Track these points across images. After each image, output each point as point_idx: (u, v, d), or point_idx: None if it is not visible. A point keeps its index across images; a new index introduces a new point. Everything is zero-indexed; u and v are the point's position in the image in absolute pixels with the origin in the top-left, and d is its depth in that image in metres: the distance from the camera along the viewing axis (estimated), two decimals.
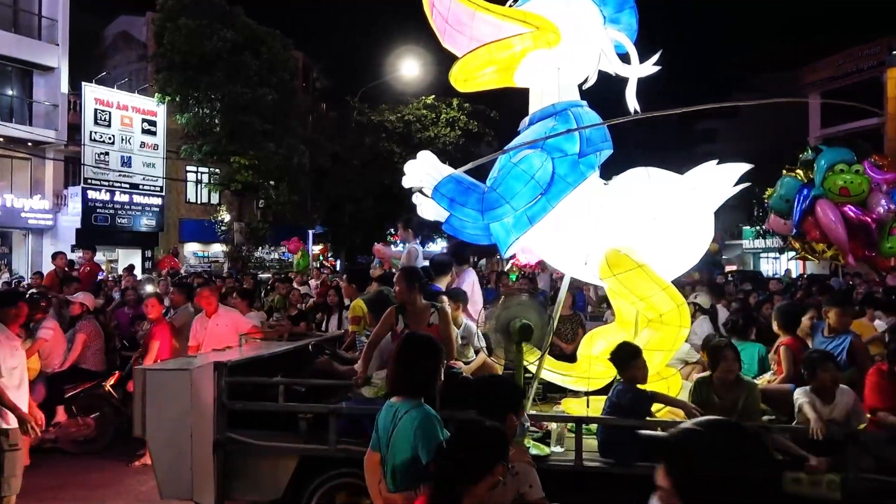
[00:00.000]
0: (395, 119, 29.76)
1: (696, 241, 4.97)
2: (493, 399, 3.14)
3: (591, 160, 4.94)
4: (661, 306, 4.72)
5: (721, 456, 1.47)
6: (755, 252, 35.83)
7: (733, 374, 4.59)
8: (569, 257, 5.15)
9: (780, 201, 13.86)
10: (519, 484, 2.97)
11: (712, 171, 5.07)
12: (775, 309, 5.90)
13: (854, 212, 12.56)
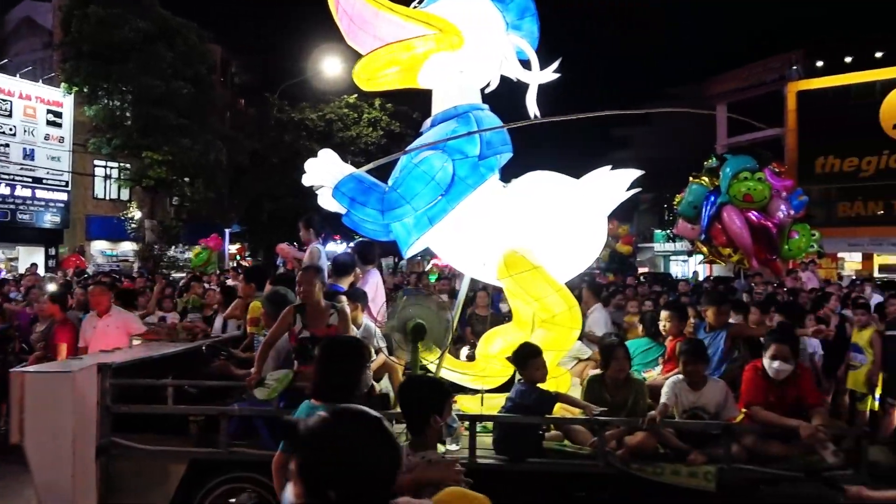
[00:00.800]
0: (316, 117, 29.35)
1: (590, 243, 5.12)
2: (416, 400, 3.09)
3: (491, 163, 5.02)
4: (555, 307, 4.85)
5: (342, 442, 1.49)
6: (665, 255, 37.30)
7: (624, 374, 4.77)
8: (468, 258, 5.23)
9: (688, 207, 14.46)
10: None
11: (606, 176, 5.23)
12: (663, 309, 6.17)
13: (757, 217, 13.23)
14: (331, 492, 1.47)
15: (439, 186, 4.83)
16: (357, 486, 1.47)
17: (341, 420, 1.55)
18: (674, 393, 4.56)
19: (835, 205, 28.21)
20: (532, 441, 4.61)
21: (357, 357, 3.19)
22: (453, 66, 5.11)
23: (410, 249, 5.08)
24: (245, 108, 33.69)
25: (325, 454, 1.49)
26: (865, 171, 28.78)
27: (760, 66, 32.40)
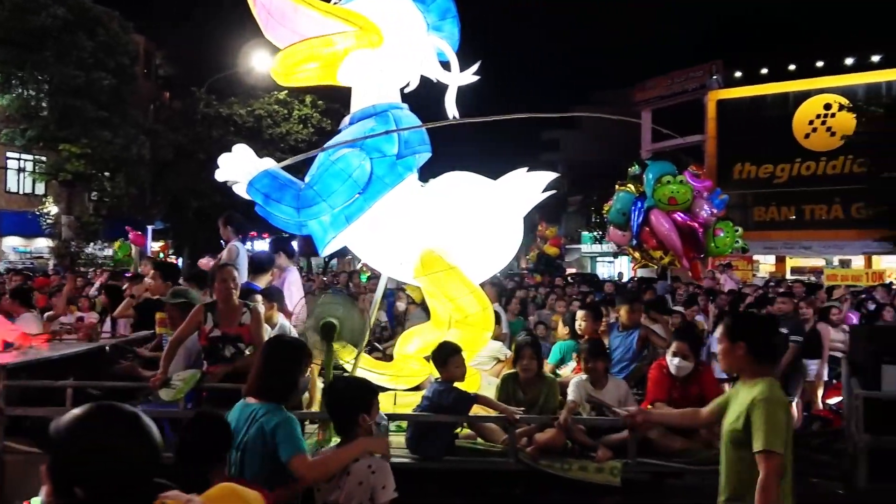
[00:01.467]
0: (244, 113, 28.69)
1: (506, 244, 5.19)
2: (344, 400, 3.09)
3: (409, 162, 5.03)
4: (469, 308, 4.89)
5: (90, 438, 1.48)
6: (592, 256, 38.27)
7: (531, 372, 4.84)
8: (385, 257, 5.22)
9: (617, 215, 14.85)
10: (374, 482, 2.93)
11: (522, 178, 5.32)
12: (579, 309, 6.33)
13: (683, 218, 13.72)
14: (78, 489, 1.44)
15: (356, 184, 4.80)
16: (107, 483, 1.45)
17: (92, 416, 1.52)
18: (578, 392, 4.67)
19: (751, 209, 29.56)
20: (446, 440, 4.64)
21: (298, 359, 3.22)
22: (373, 64, 5.09)
23: (327, 248, 5.03)
24: (170, 101, 32.62)
25: (71, 451, 1.46)
26: (779, 178, 30.31)
27: (683, 74, 33.66)
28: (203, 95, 28.40)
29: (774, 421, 2.79)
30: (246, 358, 4.57)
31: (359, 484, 2.88)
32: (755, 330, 3.08)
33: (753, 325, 3.18)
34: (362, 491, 2.88)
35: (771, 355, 3.12)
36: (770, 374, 2.99)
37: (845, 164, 27.91)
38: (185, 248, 30.93)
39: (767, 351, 3.05)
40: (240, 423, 3.05)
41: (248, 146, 5.02)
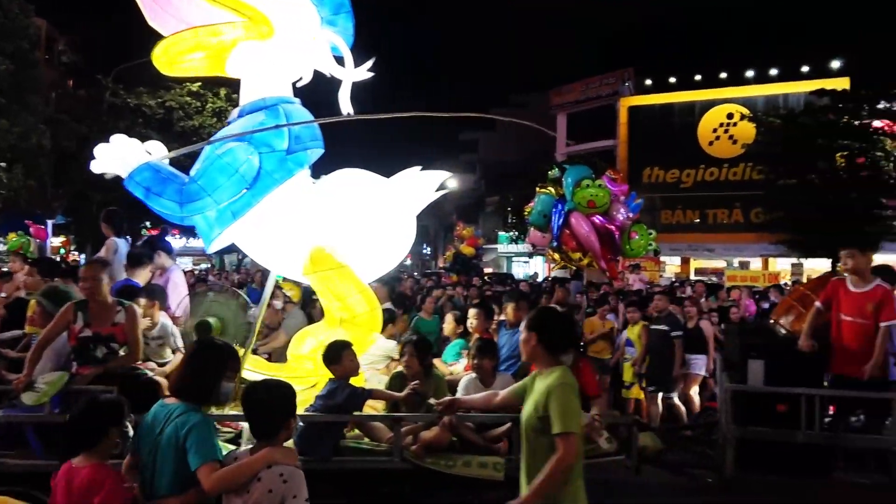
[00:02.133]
0: (154, 104, 27.56)
1: (398, 243, 5.18)
2: (269, 404, 2.99)
3: (300, 158, 4.94)
4: (356, 308, 4.85)
5: None
6: (508, 256, 38.85)
7: (413, 370, 4.85)
8: (274, 254, 5.11)
9: (538, 217, 15.06)
10: (285, 491, 2.83)
11: (416, 177, 5.31)
12: (470, 308, 6.40)
13: (601, 221, 14.08)
14: None
15: (244, 180, 4.68)
16: None
17: None
18: (466, 389, 4.72)
19: (659, 212, 30.66)
20: (336, 439, 4.59)
21: (219, 361, 3.16)
22: (263, 56, 4.97)
23: (213, 244, 4.87)
24: (74, 89, 30.97)
25: None
26: (685, 183, 31.66)
27: (597, 80, 34.69)
28: (110, 84, 27.10)
29: (569, 404, 3.01)
30: (119, 359, 4.37)
31: (269, 492, 2.81)
32: (546, 323, 3.27)
33: (546, 318, 3.36)
34: (272, 498, 2.81)
35: (561, 347, 3.25)
36: (562, 364, 3.18)
37: (746, 171, 29.36)
38: (89, 244, 29.45)
39: (559, 342, 3.22)
40: (156, 422, 2.97)
41: (159, 139, 4.82)
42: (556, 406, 2.97)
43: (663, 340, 7.26)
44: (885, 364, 4.68)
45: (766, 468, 4.61)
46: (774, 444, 4.56)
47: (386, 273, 5.42)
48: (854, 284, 4.77)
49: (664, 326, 7.33)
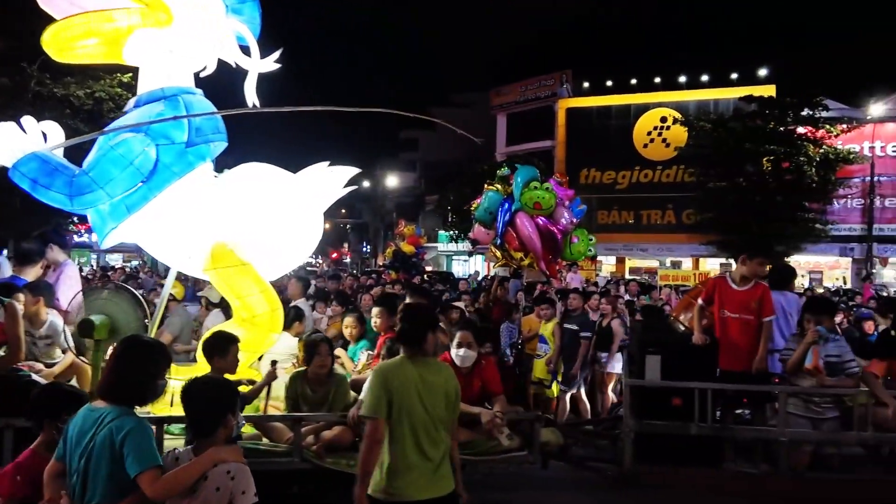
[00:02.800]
0: (83, 95, 26.47)
1: (304, 239, 5.08)
2: (209, 401, 2.97)
3: (200, 150, 4.79)
4: (256, 307, 4.74)
5: None
6: (449, 254, 38.99)
7: (326, 369, 4.77)
8: (173, 249, 4.95)
9: (484, 213, 15.17)
10: (234, 488, 2.81)
11: (324, 173, 5.22)
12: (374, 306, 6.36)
13: (545, 223, 14.25)
14: None
15: (139, 172, 4.51)
16: None
17: None
18: None
19: (595, 213, 31.22)
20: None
21: (150, 359, 3.02)
22: (161, 44, 4.79)
23: (107, 239, 4.68)
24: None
25: None
26: (620, 184, 32.38)
27: (536, 81, 35.13)
28: (35, 73, 25.92)
29: (368, 391, 3.30)
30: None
31: (216, 490, 2.79)
32: (402, 317, 3.52)
33: (403, 313, 3.60)
34: (220, 497, 2.79)
35: (406, 341, 3.43)
36: (410, 355, 3.37)
37: (678, 173, 30.21)
38: (10, 240, 28.14)
39: (407, 337, 3.41)
40: (84, 429, 2.80)
41: (87, 132, 4.57)
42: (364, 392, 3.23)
43: (573, 340, 7.40)
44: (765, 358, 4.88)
45: (663, 460, 4.73)
46: (671, 437, 4.66)
47: (295, 269, 5.32)
48: (737, 283, 4.93)
49: (574, 326, 7.46)
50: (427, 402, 3.28)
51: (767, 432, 4.69)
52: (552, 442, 4.91)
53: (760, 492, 4.67)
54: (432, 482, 3.27)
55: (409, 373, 3.32)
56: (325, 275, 16.64)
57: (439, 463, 3.29)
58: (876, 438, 4.46)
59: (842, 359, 4.64)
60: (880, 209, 26.56)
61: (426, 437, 3.27)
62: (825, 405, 4.59)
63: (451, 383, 3.41)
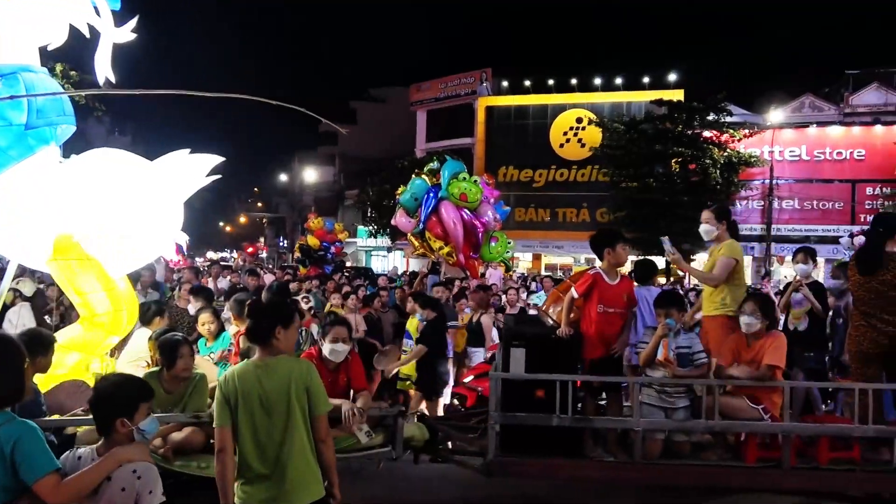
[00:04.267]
0: None
1: (160, 232, 4.84)
2: (105, 401, 2.87)
3: (42, 134, 4.47)
4: (97, 307, 4.46)
5: None
6: (367, 250, 38.76)
7: (189, 371, 4.56)
8: (11, 239, 4.62)
9: (410, 199, 15.11)
10: (140, 488, 2.73)
11: (185, 160, 4.99)
12: (232, 300, 6.20)
13: (469, 216, 14.27)
14: None
15: None
16: None
17: None
18: None
19: (513, 210, 31.64)
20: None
21: (11, 354, 2.79)
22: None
23: None
24: None
25: None
26: (537, 183, 32.96)
27: (456, 79, 35.34)
28: None
29: (215, 398, 3.17)
30: None
31: (121, 490, 2.69)
32: (249, 313, 3.39)
33: (250, 309, 3.48)
34: (125, 497, 2.71)
35: (253, 338, 3.28)
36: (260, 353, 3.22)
37: (593, 172, 31.01)
38: None
39: (254, 334, 3.25)
40: None
41: None
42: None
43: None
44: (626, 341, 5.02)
45: (528, 451, 4.76)
46: (535, 428, 4.70)
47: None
48: (610, 278, 5.04)
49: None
50: (269, 406, 3.10)
51: (623, 422, 4.79)
52: (417, 437, 4.88)
53: (616, 479, 4.78)
54: (283, 493, 3.07)
55: (250, 375, 3.15)
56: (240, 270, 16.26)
57: (287, 469, 3.08)
58: (722, 426, 4.62)
59: (692, 350, 4.79)
60: (778, 210, 27.99)
61: (269, 442, 3.10)
62: (676, 395, 4.73)
63: (299, 381, 3.15)
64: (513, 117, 33.44)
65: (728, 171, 26.34)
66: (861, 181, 27.67)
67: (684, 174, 26.25)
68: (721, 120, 26.42)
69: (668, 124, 26.36)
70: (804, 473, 4.64)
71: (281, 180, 50.51)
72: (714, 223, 5.31)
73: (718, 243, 5.30)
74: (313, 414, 3.17)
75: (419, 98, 36.70)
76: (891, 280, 4.71)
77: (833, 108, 29.44)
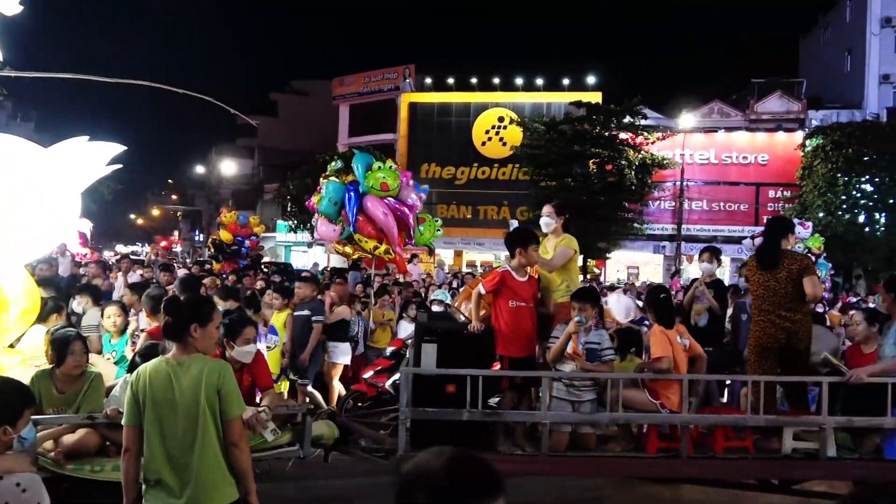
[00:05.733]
0: None
1: (55, 223, 4.58)
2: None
3: None
4: None
5: None
6: (287, 245, 38.04)
7: (81, 369, 4.35)
8: None
9: (329, 205, 14.59)
10: (25, 501, 2.59)
11: (82, 148, 4.74)
12: (145, 296, 5.97)
13: (394, 204, 13.96)
14: None
15: None
16: None
17: None
18: None
19: (435, 207, 31.78)
20: None
21: None
22: None
23: None
24: None
25: None
26: (460, 180, 33.19)
27: (379, 74, 35.14)
28: None
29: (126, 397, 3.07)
30: None
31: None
32: (164, 310, 3.26)
33: (165, 306, 3.31)
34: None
35: (168, 335, 3.21)
36: (176, 351, 3.14)
37: (513, 171, 31.47)
38: None
39: (169, 331, 3.17)
40: None
41: None
42: None
43: (304, 326, 7.33)
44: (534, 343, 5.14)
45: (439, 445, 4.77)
46: (447, 423, 4.72)
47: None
48: (519, 275, 5.12)
49: (306, 311, 7.42)
50: (179, 406, 2.99)
51: (531, 415, 4.88)
52: (326, 435, 4.83)
53: (524, 472, 4.86)
54: (190, 498, 2.97)
55: (162, 374, 3.02)
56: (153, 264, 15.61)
57: (196, 473, 2.98)
58: (625, 418, 4.78)
59: (601, 346, 4.95)
60: (688, 211, 29.18)
61: (176, 444, 2.99)
62: (583, 388, 4.86)
63: (210, 383, 3.03)
64: (436, 114, 33.52)
65: (642, 173, 27.30)
66: (764, 184, 29.20)
67: (601, 174, 27.02)
68: (636, 123, 27.33)
69: (587, 126, 27.07)
70: (701, 462, 4.85)
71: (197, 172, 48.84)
72: (554, 217, 5.59)
73: (556, 236, 5.54)
74: (225, 418, 3.05)
75: (342, 92, 36.25)
76: (786, 277, 4.98)
77: (740, 115, 31.00)
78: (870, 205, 24.53)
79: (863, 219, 24.58)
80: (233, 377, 3.14)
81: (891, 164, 23.98)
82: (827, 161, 25.10)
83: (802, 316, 5.00)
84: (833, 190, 24.72)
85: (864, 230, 24.50)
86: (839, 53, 33.65)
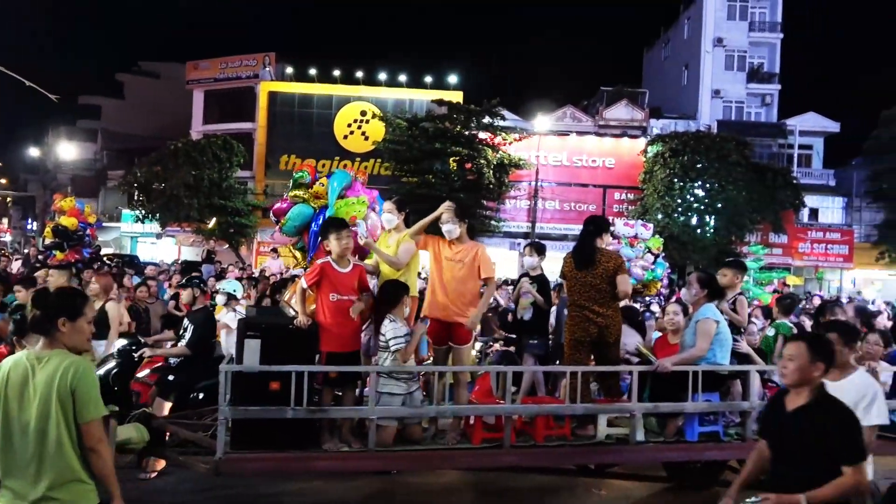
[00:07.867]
0: None
1: None
2: None
3: None
4: None
5: None
6: (133, 236, 35.64)
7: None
8: None
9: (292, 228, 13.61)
10: None
11: None
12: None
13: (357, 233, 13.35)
14: None
15: None
16: None
17: None
18: None
19: None
20: None
21: None
22: None
23: None
24: None
25: None
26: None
27: (237, 60, 33.75)
28: None
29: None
30: None
31: None
32: (33, 303, 3.05)
33: (34, 299, 3.08)
34: None
35: (35, 329, 2.96)
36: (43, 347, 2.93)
37: (375, 166, 31.31)
38: None
39: (35, 325, 2.96)
40: None
41: None
42: None
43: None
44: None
45: (262, 445, 4.61)
46: (270, 422, 4.56)
47: None
48: (340, 266, 5.03)
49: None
50: (32, 402, 2.77)
51: (358, 411, 4.83)
52: (135, 439, 4.51)
53: (351, 469, 4.81)
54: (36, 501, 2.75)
55: (21, 368, 2.81)
56: None
57: (43, 476, 2.76)
58: (453, 411, 4.85)
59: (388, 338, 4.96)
60: (542, 210, 30.46)
61: (23, 442, 2.76)
62: (412, 381, 4.87)
63: (64, 381, 2.78)
64: (297, 105, 32.62)
65: (500, 172, 28.20)
66: (611, 187, 31.01)
67: (461, 172, 27.60)
68: (495, 123, 28.14)
69: (448, 124, 27.50)
70: (523, 451, 5.02)
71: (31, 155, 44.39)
72: (395, 213, 5.78)
73: (399, 231, 5.68)
74: (80, 421, 2.81)
75: (196, 77, 34.34)
76: (602, 274, 5.25)
77: (589, 120, 32.78)
78: (701, 208, 26.83)
79: (695, 221, 26.84)
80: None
81: (718, 171, 26.37)
82: (665, 167, 27.17)
83: (613, 311, 5.30)
84: (670, 194, 26.81)
85: (697, 231, 26.77)
86: (678, 67, 36.52)
